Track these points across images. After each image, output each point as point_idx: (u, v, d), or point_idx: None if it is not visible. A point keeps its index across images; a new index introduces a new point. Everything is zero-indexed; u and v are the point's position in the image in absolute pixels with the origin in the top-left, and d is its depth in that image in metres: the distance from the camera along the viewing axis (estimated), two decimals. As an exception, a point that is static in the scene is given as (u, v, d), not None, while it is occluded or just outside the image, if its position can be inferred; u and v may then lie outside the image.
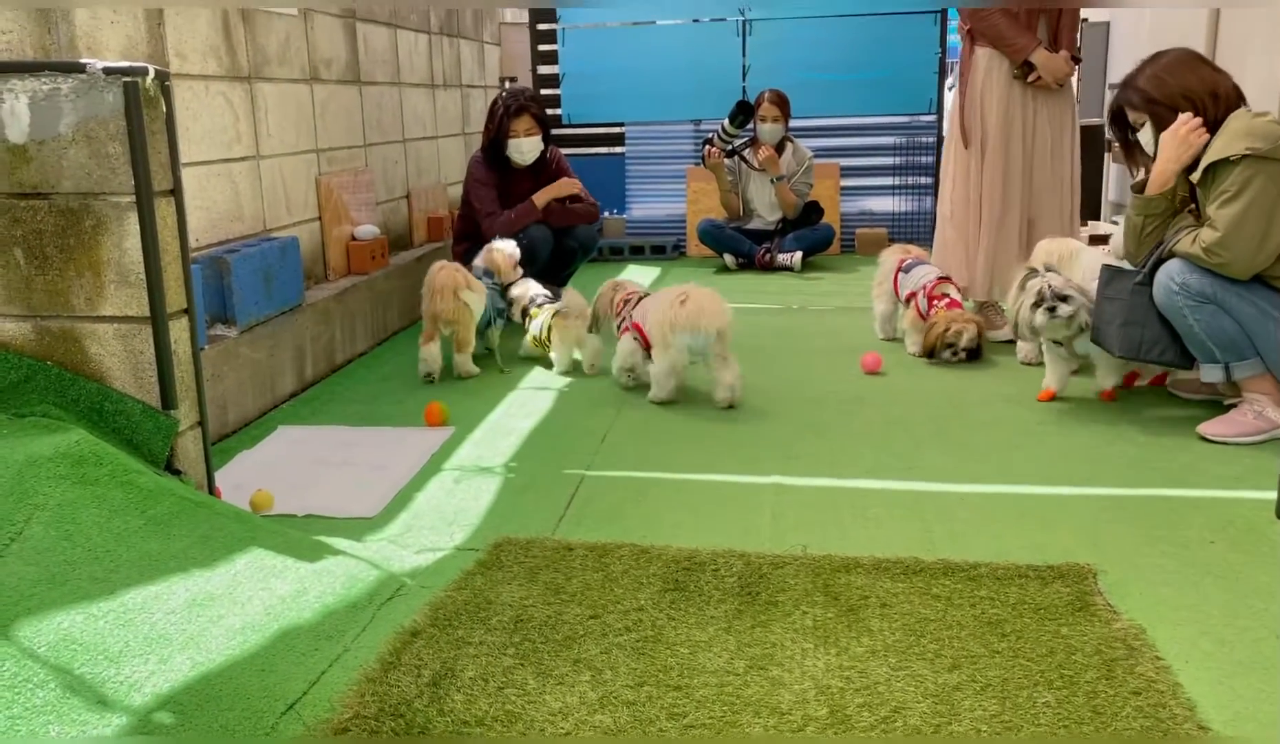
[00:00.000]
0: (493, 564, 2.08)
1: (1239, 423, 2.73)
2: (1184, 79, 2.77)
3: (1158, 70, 2.82)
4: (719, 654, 1.73)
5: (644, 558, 2.10)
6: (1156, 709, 1.55)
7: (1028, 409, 3.08)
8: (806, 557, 2.10)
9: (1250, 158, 2.59)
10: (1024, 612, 1.85)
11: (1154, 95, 2.81)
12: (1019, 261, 3.76)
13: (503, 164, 4.41)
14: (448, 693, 1.60)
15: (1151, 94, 2.82)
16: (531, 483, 2.59)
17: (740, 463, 2.70)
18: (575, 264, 4.71)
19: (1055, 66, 3.69)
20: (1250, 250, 2.63)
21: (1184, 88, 2.77)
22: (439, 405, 3.10)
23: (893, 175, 6.39)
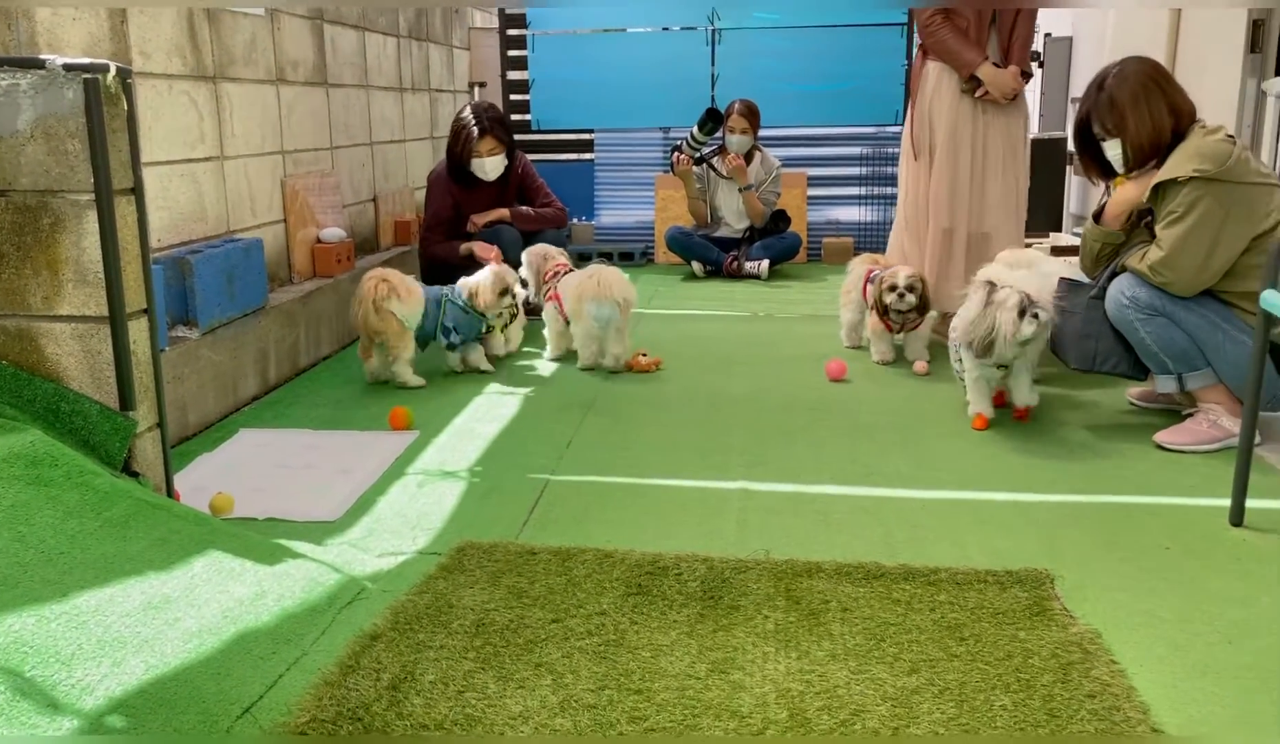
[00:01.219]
0: (455, 568, 2.07)
1: (1194, 432, 2.78)
2: (1150, 112, 2.80)
3: (1154, 73, 2.83)
4: (680, 658, 1.73)
5: (607, 562, 2.10)
6: (1111, 712, 1.57)
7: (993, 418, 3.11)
8: (769, 561, 2.11)
9: (1197, 179, 2.64)
10: (982, 616, 1.87)
11: (1125, 127, 2.83)
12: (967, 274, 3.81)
13: (467, 177, 4.40)
14: (407, 696, 1.59)
15: (1122, 124, 2.84)
16: (496, 487, 2.58)
17: (706, 468, 2.70)
18: (543, 270, 4.70)
19: (1002, 82, 3.72)
20: (1193, 271, 2.68)
21: (1152, 124, 2.79)
22: (403, 409, 3.08)
23: (859, 185, 6.44)
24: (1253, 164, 2.67)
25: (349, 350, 4.11)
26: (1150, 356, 2.82)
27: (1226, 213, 2.63)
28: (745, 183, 5.64)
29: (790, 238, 5.84)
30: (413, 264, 4.77)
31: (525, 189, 4.66)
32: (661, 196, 6.33)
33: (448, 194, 4.41)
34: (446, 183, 4.42)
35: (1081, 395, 3.33)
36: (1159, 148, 2.80)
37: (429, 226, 4.44)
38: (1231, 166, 2.62)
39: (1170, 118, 2.78)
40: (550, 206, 4.67)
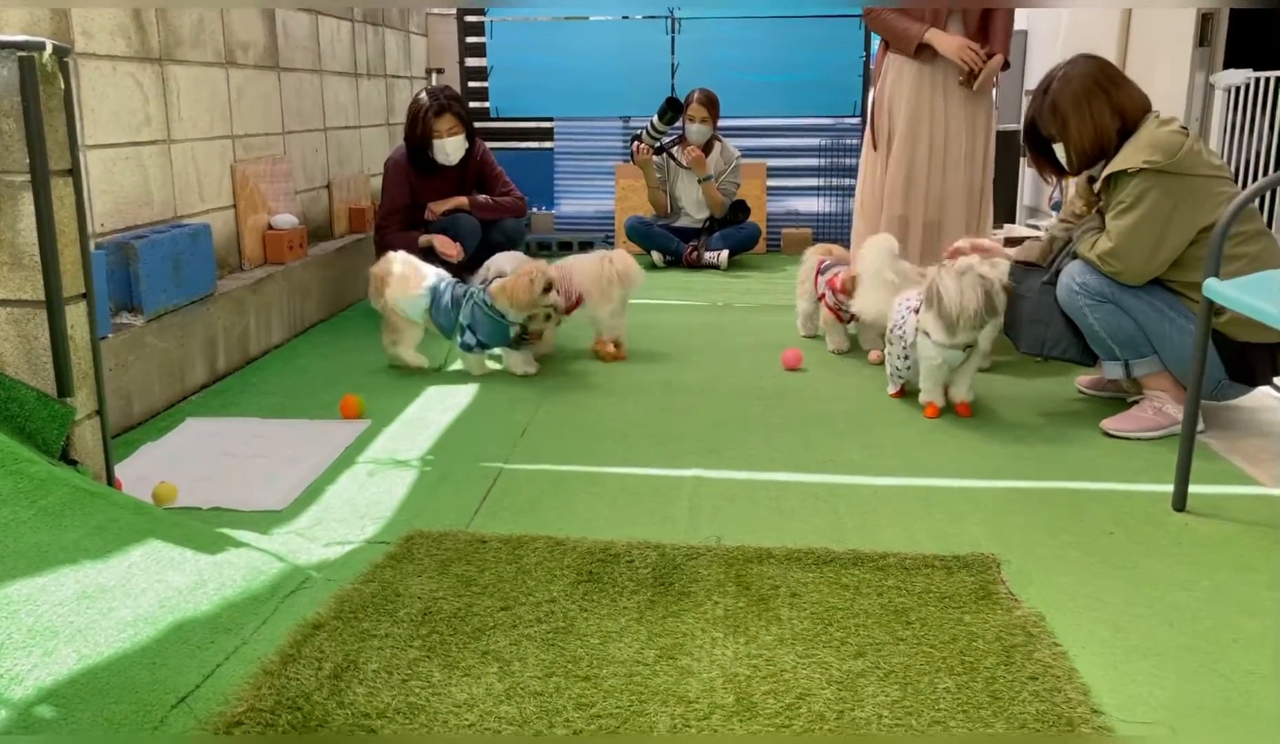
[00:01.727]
0: (403, 557, 2.05)
1: (1140, 419, 2.82)
2: (1093, 116, 2.82)
3: (1098, 75, 2.84)
4: (629, 644, 1.73)
5: (559, 550, 2.09)
6: (1052, 694, 1.59)
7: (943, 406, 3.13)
8: (721, 548, 2.11)
9: (1147, 171, 2.67)
10: (929, 600, 1.89)
11: (1067, 132, 2.85)
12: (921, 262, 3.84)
13: (426, 164, 4.36)
14: (349, 685, 1.57)
15: (1065, 129, 2.86)
16: (447, 476, 2.56)
17: (661, 456, 2.70)
18: (501, 257, 4.67)
19: (951, 45, 3.70)
20: (1141, 261, 2.71)
21: (1094, 128, 2.81)
22: (355, 398, 3.04)
23: (818, 176, 6.47)
24: (1204, 156, 2.70)
25: (302, 338, 4.06)
26: (1098, 343, 2.86)
27: (1175, 204, 2.67)
28: (705, 173, 5.64)
29: (749, 228, 5.85)
30: (368, 251, 4.72)
31: (484, 177, 4.62)
32: (622, 186, 6.31)
33: (405, 181, 4.36)
34: (404, 170, 4.37)
35: (1031, 383, 3.37)
36: (1103, 150, 2.83)
37: (385, 214, 4.39)
38: (1182, 158, 2.65)
39: (1115, 118, 2.80)
40: (509, 196, 4.63)
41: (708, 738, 1.48)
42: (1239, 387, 2.77)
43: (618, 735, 1.49)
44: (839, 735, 1.49)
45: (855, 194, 4.22)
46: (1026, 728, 1.50)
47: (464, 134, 4.35)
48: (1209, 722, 1.54)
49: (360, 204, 5.01)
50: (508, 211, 4.62)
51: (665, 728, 1.51)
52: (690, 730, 1.50)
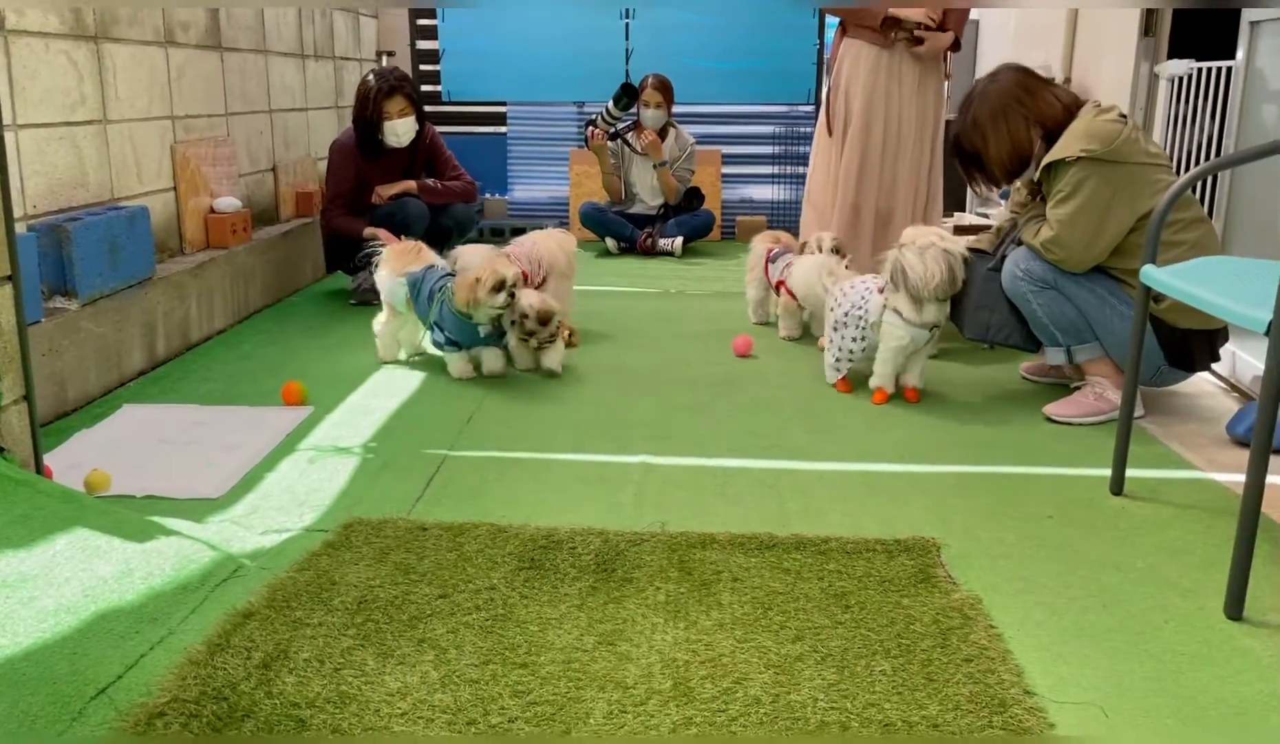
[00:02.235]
0: (340, 545, 2.02)
1: (1081, 404, 2.86)
2: (1042, 97, 2.85)
3: (1014, 89, 2.87)
4: (569, 631, 1.72)
5: (500, 537, 2.07)
6: (986, 675, 1.60)
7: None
8: (665, 534, 2.11)
9: (1085, 159, 2.70)
10: (869, 584, 1.90)
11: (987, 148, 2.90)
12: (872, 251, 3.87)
13: (374, 147, 4.29)
14: (278, 675, 1.54)
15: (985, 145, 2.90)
16: (390, 463, 2.53)
17: (609, 442, 2.69)
18: (451, 243, 4.61)
19: (912, 11, 3.73)
20: (1081, 248, 2.75)
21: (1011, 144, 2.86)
22: (297, 384, 3.00)
23: (772, 164, 6.48)
24: (1142, 144, 2.74)
25: (245, 325, 4.00)
26: (1041, 328, 2.89)
27: (1114, 191, 2.70)
28: (660, 159, 5.63)
29: (704, 215, 5.85)
30: (315, 236, 4.66)
31: (433, 162, 4.56)
32: (576, 172, 6.27)
33: (351, 165, 4.29)
34: (352, 153, 4.30)
35: (977, 370, 3.41)
36: (1023, 161, 2.89)
37: (331, 199, 4.33)
38: (1119, 146, 2.69)
39: (1035, 128, 2.85)
40: (459, 180, 4.59)
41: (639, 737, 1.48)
42: (1178, 372, 2.82)
43: (553, 722, 1.48)
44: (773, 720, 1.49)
45: (807, 180, 4.23)
46: (960, 709, 1.52)
47: (414, 116, 4.30)
48: (1139, 701, 1.57)
49: (307, 188, 4.93)
50: (458, 196, 4.57)
51: (601, 714, 1.50)
52: (626, 717, 1.49)
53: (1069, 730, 1.49)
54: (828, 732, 1.46)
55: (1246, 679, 1.63)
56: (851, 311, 3.09)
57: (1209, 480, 2.46)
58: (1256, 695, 1.58)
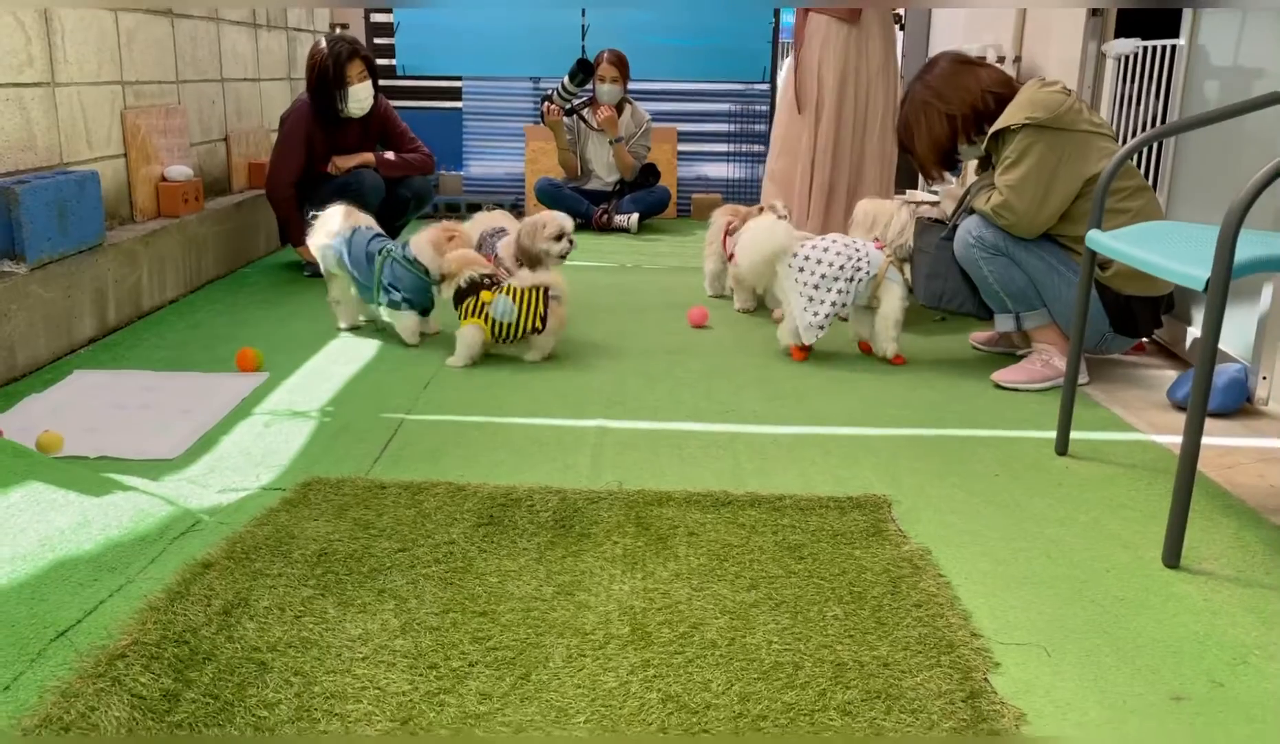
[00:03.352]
0: (299, 502, 2.03)
1: (1029, 370, 2.94)
2: (962, 86, 2.97)
3: (935, 84, 3.01)
4: (528, 582, 1.75)
5: (459, 495, 2.09)
6: (934, 619, 1.65)
7: (843, 360, 3.21)
8: (622, 491, 2.14)
9: (1030, 127, 2.77)
10: (822, 537, 1.94)
11: (914, 144, 3.07)
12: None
13: (330, 116, 4.24)
14: (239, 621, 1.55)
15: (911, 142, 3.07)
16: (347, 426, 2.53)
17: (565, 408, 2.71)
18: (408, 216, 4.60)
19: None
20: (1030, 212, 2.82)
21: (930, 140, 3.02)
22: (252, 351, 2.98)
23: (728, 142, 6.51)
24: (1085, 114, 2.82)
25: (198, 294, 3.95)
26: (992, 295, 2.96)
27: (1059, 157, 2.77)
28: (616, 135, 5.63)
29: (660, 192, 5.87)
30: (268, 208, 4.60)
31: (388, 134, 4.52)
32: (532, 148, 6.26)
33: (304, 136, 4.24)
34: (307, 122, 4.24)
35: (928, 341, 3.47)
36: (943, 154, 3.05)
37: (278, 167, 4.25)
38: (1063, 114, 2.76)
39: (953, 123, 2.99)
40: (417, 152, 4.56)
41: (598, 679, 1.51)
42: (1123, 339, 2.90)
43: (513, 666, 1.50)
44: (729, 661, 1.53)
45: (766, 163, 4.26)
46: (909, 650, 1.57)
47: (370, 82, 4.26)
48: (1080, 642, 1.63)
49: (260, 159, 4.87)
50: (415, 169, 4.54)
51: (560, 658, 1.53)
52: (585, 660, 1.53)
53: (1014, 669, 1.54)
54: (781, 671, 1.50)
55: (1182, 620, 1.70)
56: (846, 266, 3.08)
57: (1150, 442, 2.54)
58: (1191, 635, 1.65)
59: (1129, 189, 2.75)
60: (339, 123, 4.28)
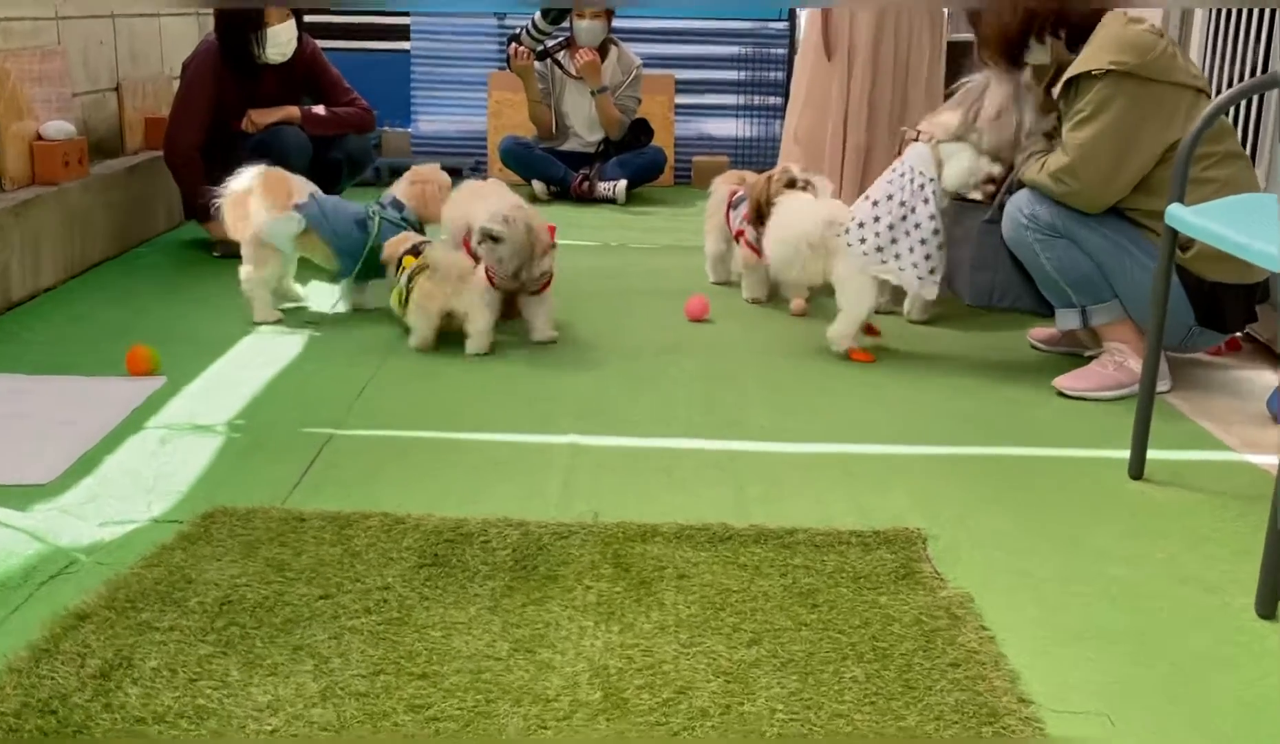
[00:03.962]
0: (198, 538, 2.04)
1: (1098, 376, 2.95)
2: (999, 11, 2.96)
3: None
4: (479, 637, 1.76)
5: (397, 529, 2.11)
6: (975, 682, 1.66)
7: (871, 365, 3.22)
8: (597, 525, 2.15)
9: (1114, 73, 2.78)
10: (840, 581, 1.95)
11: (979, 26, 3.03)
12: None
13: (243, 62, 4.24)
14: (120, 686, 1.56)
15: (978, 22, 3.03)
16: (261, 443, 2.54)
17: (532, 420, 2.73)
18: (341, 184, 4.61)
19: None
20: (1101, 180, 2.83)
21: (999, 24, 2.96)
22: (146, 350, 2.99)
23: (737, 93, 6.52)
24: (1180, 61, 2.82)
25: (82, 279, 3.96)
26: (1051, 287, 2.97)
27: (1143, 115, 2.78)
28: (599, 84, 5.65)
29: (652, 154, 5.89)
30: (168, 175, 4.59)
31: (318, 83, 4.53)
32: (495, 99, 6.28)
33: (211, 84, 4.23)
34: (214, 70, 4.24)
35: (976, 336, 3.49)
36: (1011, 45, 2.98)
37: (180, 124, 4.25)
38: (1154, 60, 2.77)
39: (1029, 14, 2.93)
40: (352, 106, 4.56)
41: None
42: (1211, 334, 2.92)
43: (457, 740, 1.51)
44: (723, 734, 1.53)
45: (790, 114, 4.27)
46: (943, 720, 1.57)
47: (294, 23, 4.26)
48: (1151, 710, 1.64)
49: (159, 113, 4.87)
50: (351, 125, 4.55)
51: (516, 730, 1.53)
52: (546, 732, 1.53)
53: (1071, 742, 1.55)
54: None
55: (1276, 684, 1.71)
56: (907, 188, 3.06)
57: (1243, 462, 2.56)
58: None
59: (1217, 155, 2.76)
60: (255, 70, 4.28)
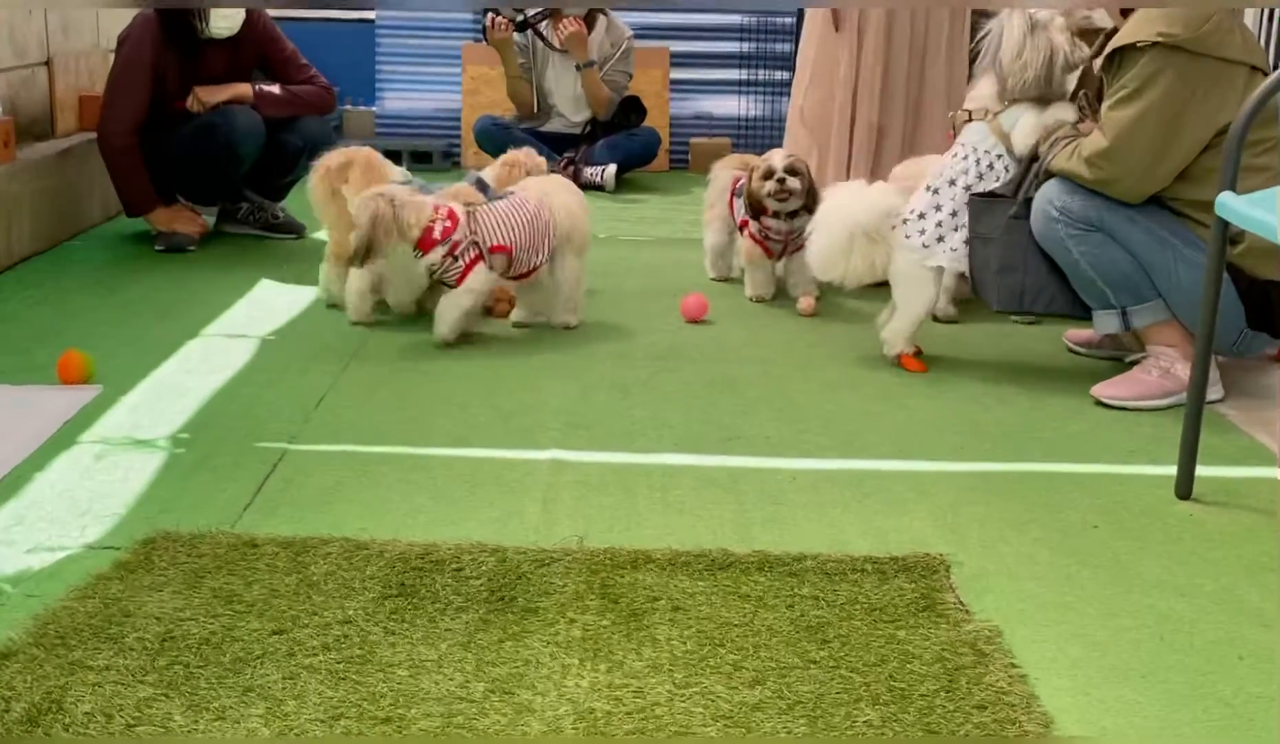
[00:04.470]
0: (138, 566, 2.05)
1: (1141, 383, 2.96)
2: None
3: None
4: (451, 676, 1.76)
5: (360, 556, 2.11)
6: (1003, 726, 1.67)
7: (890, 368, 3.23)
8: (582, 551, 2.16)
9: (1162, 46, 2.78)
10: (854, 613, 1.96)
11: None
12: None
13: (184, 37, 4.23)
14: (49, 732, 1.56)
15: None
16: (208, 460, 2.55)
17: (510, 434, 2.74)
18: (298, 171, 4.61)
19: None
20: (1142, 166, 2.83)
21: None
22: (80, 356, 3.00)
23: (740, 67, 6.54)
24: (1237, 36, 2.83)
25: (7, 276, 3.97)
26: (1087, 287, 2.97)
27: (1192, 92, 2.79)
28: (585, 57, 5.66)
29: (645, 136, 5.90)
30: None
31: (271, 59, 4.53)
32: (471, 75, 6.30)
33: (149, 62, 4.22)
34: (152, 44, 4.23)
35: (1006, 338, 3.51)
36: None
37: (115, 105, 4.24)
38: (1209, 33, 2.77)
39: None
40: (310, 84, 4.56)
41: (548, 792, 1.51)
42: (1264, 337, 2.92)
43: (426, 793, 1.51)
44: (723, 784, 1.54)
45: (795, 91, 4.28)
46: (968, 769, 1.58)
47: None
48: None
49: (95, 90, 4.88)
50: (308, 106, 4.55)
51: (491, 781, 1.53)
52: (526, 784, 1.53)
53: (1109, 794, 1.56)
54: (793, 798, 1.51)
55: (1338, 727, 1.71)
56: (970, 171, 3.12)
57: (1303, 480, 2.57)
58: (1351, 748, 1.67)
59: (1272, 140, 2.77)
60: (198, 45, 4.27)
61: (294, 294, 3.83)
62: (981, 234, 3.05)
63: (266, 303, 3.75)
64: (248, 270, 4.12)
